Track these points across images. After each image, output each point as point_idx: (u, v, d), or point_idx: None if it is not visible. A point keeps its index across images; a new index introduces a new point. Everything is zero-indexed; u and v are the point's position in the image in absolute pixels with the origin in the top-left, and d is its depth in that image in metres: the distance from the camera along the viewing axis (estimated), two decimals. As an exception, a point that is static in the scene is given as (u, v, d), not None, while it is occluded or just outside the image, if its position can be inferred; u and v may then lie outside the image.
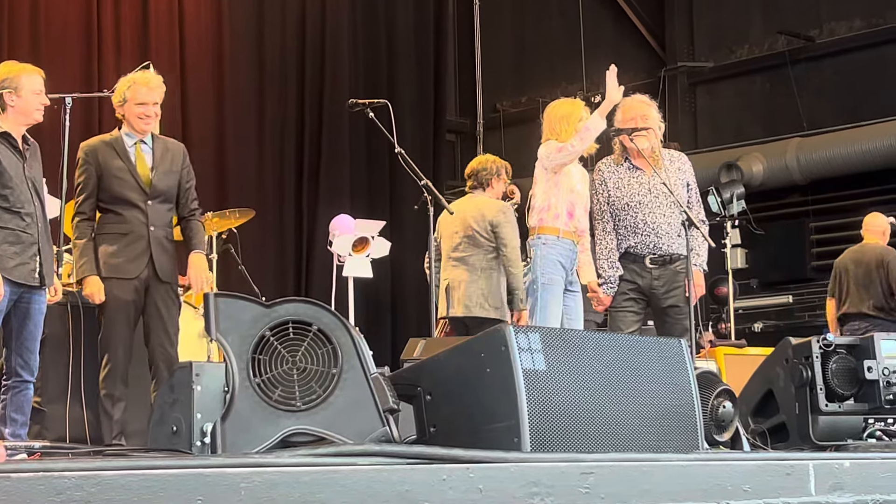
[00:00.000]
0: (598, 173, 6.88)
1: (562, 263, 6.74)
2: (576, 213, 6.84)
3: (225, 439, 3.55)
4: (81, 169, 6.15)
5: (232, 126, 13.12)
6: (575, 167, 6.97)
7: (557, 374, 3.72)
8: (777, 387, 5.51)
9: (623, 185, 6.76)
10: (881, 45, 13.75)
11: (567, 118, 6.86)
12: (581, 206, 6.88)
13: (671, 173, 6.75)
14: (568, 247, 6.77)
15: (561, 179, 6.83)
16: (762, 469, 3.41)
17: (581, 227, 6.88)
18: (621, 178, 6.77)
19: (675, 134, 14.84)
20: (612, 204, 6.75)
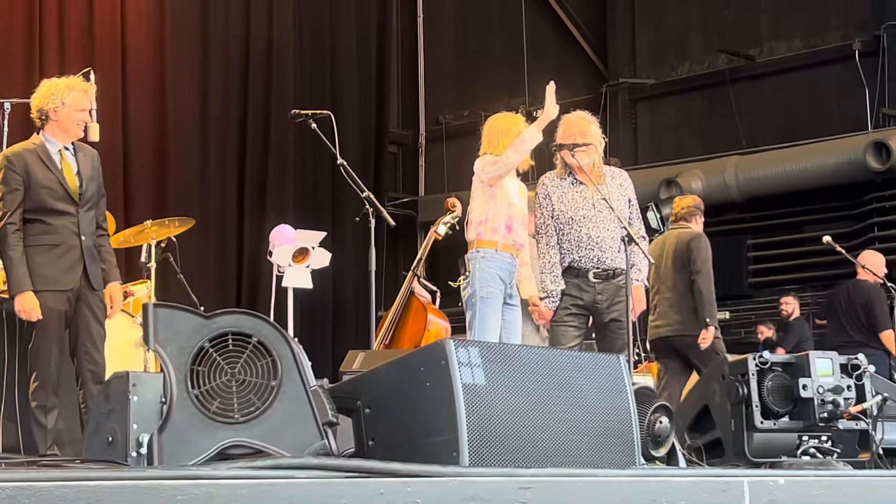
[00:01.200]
0: (541, 187, 6.91)
1: (500, 277, 6.74)
2: (514, 226, 6.84)
3: (161, 451, 3.52)
4: (7, 178, 5.99)
5: (174, 134, 13.05)
6: (512, 181, 6.96)
7: (497, 389, 3.73)
8: (713, 403, 5.55)
9: (566, 199, 6.80)
10: (819, 66, 13.93)
11: (506, 132, 6.85)
12: (519, 219, 6.89)
13: (613, 189, 6.81)
14: (507, 260, 6.77)
15: (497, 192, 6.83)
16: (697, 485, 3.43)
17: (520, 241, 6.89)
18: (565, 193, 6.82)
19: (615, 150, 14.92)
20: (555, 218, 6.79)
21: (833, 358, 5.42)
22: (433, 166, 16.99)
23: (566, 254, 6.78)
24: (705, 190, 13.88)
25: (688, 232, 8.71)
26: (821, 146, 13.32)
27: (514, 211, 6.85)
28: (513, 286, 6.87)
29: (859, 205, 13.36)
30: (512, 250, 6.80)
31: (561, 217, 6.79)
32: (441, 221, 8.62)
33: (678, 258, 8.51)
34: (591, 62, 15.82)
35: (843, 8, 13.88)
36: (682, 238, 8.60)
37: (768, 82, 14.36)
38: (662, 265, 8.57)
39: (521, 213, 6.89)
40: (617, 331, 6.71)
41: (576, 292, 6.75)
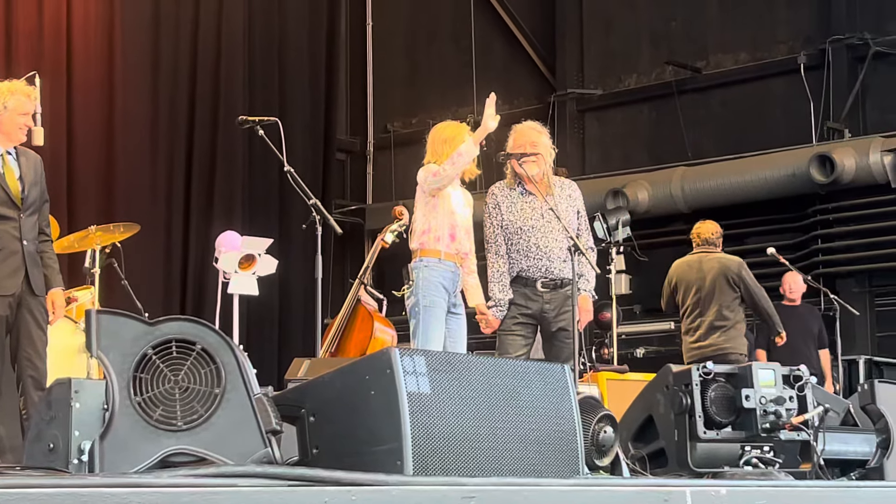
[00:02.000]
0: (491, 197, 6.95)
1: (444, 286, 6.74)
2: (457, 235, 6.84)
3: (103, 458, 3.50)
4: None
5: (120, 139, 12.95)
6: (455, 190, 6.97)
7: (442, 398, 3.73)
8: (657, 413, 5.57)
9: (515, 209, 6.85)
10: (766, 79, 14.06)
11: (450, 141, 6.85)
12: (462, 228, 6.89)
13: (562, 200, 6.85)
14: (450, 269, 6.78)
15: (439, 202, 6.84)
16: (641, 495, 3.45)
17: (464, 250, 6.89)
18: (514, 203, 6.86)
19: (563, 160, 14.96)
20: (504, 228, 6.84)
21: (775, 369, 5.46)
22: (381, 174, 16.98)
23: (514, 263, 6.82)
24: (651, 201, 13.96)
25: (731, 259, 9.36)
26: (766, 158, 13.44)
27: (457, 220, 6.85)
28: (457, 295, 6.87)
29: (803, 217, 13.48)
30: (455, 259, 6.80)
31: (510, 227, 6.83)
32: (388, 229, 8.61)
33: (728, 284, 9.11)
34: (539, 72, 15.88)
35: (789, 22, 14.01)
36: (727, 264, 9.24)
37: (715, 94, 14.47)
38: (706, 287, 9.14)
39: (464, 222, 6.90)
40: (564, 340, 6.74)
41: (523, 301, 6.79)
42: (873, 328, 13.05)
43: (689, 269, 9.38)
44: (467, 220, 6.93)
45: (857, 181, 12.74)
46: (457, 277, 6.81)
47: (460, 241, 6.86)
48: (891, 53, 13.19)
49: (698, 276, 9.26)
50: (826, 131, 13.36)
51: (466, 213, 6.94)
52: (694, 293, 9.23)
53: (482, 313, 6.86)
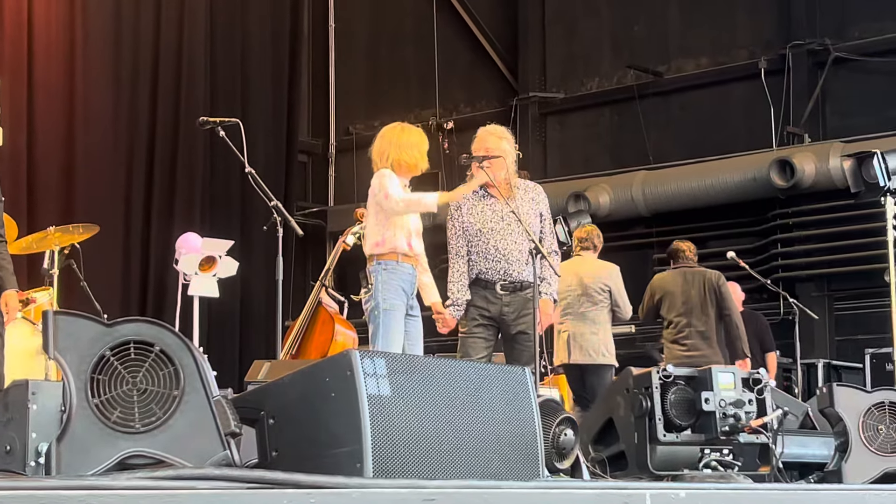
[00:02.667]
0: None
1: (403, 288, 6.71)
2: (412, 241, 6.80)
3: (60, 460, 3.47)
4: None
5: (80, 140, 12.87)
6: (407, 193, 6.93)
7: (402, 400, 3.73)
8: (617, 416, 5.59)
9: (476, 211, 6.88)
10: (726, 83, 14.13)
11: (413, 148, 6.82)
12: (415, 231, 6.83)
13: (524, 203, 6.87)
14: (408, 271, 6.75)
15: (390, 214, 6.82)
16: (600, 497, 3.45)
17: (417, 251, 6.86)
18: (475, 205, 6.89)
19: (524, 163, 14.98)
20: (465, 230, 6.86)
21: (735, 372, 5.50)
22: (343, 176, 16.94)
23: (474, 265, 6.85)
24: (612, 204, 14.00)
25: (714, 273, 9.55)
26: (726, 163, 13.50)
27: (409, 225, 6.82)
28: (414, 297, 6.87)
29: (763, 221, 13.55)
30: (412, 261, 6.79)
31: (470, 229, 6.86)
32: (350, 232, 8.60)
33: (709, 295, 9.31)
34: (501, 75, 15.89)
35: (749, 27, 14.09)
36: (710, 277, 9.42)
37: (676, 99, 14.53)
38: (693, 298, 9.33)
39: (416, 226, 6.86)
40: (524, 343, 6.76)
41: (483, 304, 6.80)
42: (832, 332, 13.14)
43: (674, 281, 9.51)
44: (417, 222, 6.89)
45: (817, 186, 12.82)
46: (414, 279, 6.80)
47: (414, 246, 6.85)
48: (851, 59, 13.29)
49: (684, 289, 9.41)
50: (786, 136, 13.43)
51: (415, 217, 6.90)
52: (682, 304, 9.37)
53: (439, 312, 6.87)
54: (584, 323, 9.00)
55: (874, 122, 12.83)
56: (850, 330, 13.01)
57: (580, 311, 9.01)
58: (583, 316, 9.00)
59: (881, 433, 5.68)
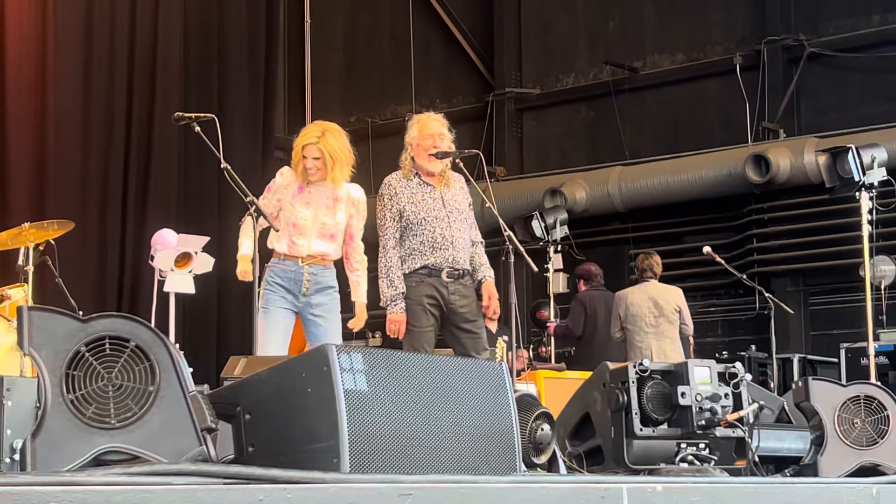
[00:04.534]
0: (386, 188, 6.81)
1: (281, 284, 6.56)
2: (297, 237, 6.66)
3: (35, 457, 3.45)
4: None
5: (54, 136, 12.79)
6: (315, 192, 6.79)
7: (379, 395, 3.72)
8: (594, 410, 5.60)
9: (417, 200, 6.75)
10: (701, 79, 14.19)
11: (296, 146, 6.82)
12: (311, 230, 6.69)
13: (458, 192, 6.87)
14: (290, 268, 6.59)
15: (283, 208, 6.72)
16: (577, 492, 3.46)
17: (318, 250, 6.68)
18: (414, 194, 6.76)
19: (501, 159, 15.05)
20: (404, 218, 6.71)
21: (711, 366, 5.50)
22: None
23: (418, 255, 6.70)
24: (589, 200, 14.04)
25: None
26: (702, 158, 13.55)
27: (299, 221, 6.66)
28: (316, 295, 6.66)
29: (739, 216, 13.61)
30: (299, 259, 6.61)
31: (411, 217, 6.70)
32: (326, 227, 8.56)
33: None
34: (477, 71, 15.91)
35: (724, 23, 14.14)
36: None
37: (651, 94, 14.58)
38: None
39: (313, 225, 6.70)
40: (474, 330, 6.72)
41: (432, 292, 6.69)
42: (807, 327, 13.21)
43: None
44: (322, 221, 6.72)
45: (792, 181, 12.89)
46: (299, 276, 6.59)
47: (308, 243, 6.66)
48: (825, 55, 13.35)
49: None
50: (761, 131, 13.50)
51: (321, 215, 6.72)
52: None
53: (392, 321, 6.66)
54: (664, 340, 10.05)
55: (849, 118, 12.90)
56: (825, 324, 13.08)
57: (660, 331, 10.08)
58: (662, 334, 10.07)
59: (856, 427, 5.70)
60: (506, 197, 13.67)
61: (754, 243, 13.47)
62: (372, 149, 15.19)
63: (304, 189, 6.75)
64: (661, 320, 10.09)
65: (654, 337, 10.05)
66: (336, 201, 6.76)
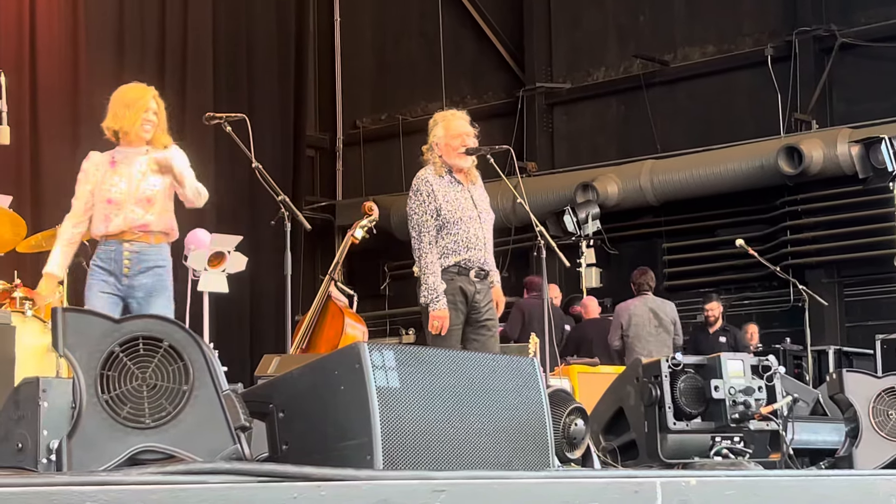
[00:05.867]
0: (425, 184, 6.69)
1: (101, 267, 6.17)
2: (112, 213, 6.28)
3: (71, 457, 3.48)
4: None
5: (86, 137, 12.83)
6: (127, 165, 6.44)
7: (411, 392, 3.73)
8: (627, 405, 5.59)
9: (451, 198, 6.68)
10: (732, 71, 14.12)
11: (132, 105, 6.43)
12: (128, 202, 6.28)
13: (482, 191, 6.84)
14: (110, 248, 6.18)
15: (96, 191, 6.38)
16: (611, 486, 3.45)
17: (138, 221, 6.26)
18: (448, 192, 6.69)
19: (532, 154, 15.03)
20: (441, 216, 6.63)
21: (744, 359, 5.49)
22: (351, 170, 16.96)
23: (452, 253, 6.63)
24: (621, 194, 14.00)
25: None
26: (734, 150, 13.50)
27: (114, 197, 6.29)
28: (139, 274, 6.18)
29: (772, 208, 13.55)
30: (120, 236, 6.21)
31: (448, 216, 6.63)
32: (358, 225, 8.59)
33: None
34: (508, 67, 15.89)
35: (755, 14, 14.07)
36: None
37: (682, 87, 14.53)
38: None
39: (126, 194, 6.30)
40: (492, 329, 6.71)
41: (464, 287, 6.66)
42: (842, 318, 13.14)
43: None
44: (139, 189, 6.32)
45: (825, 172, 12.82)
46: (118, 255, 6.16)
47: (125, 216, 6.24)
48: (857, 45, 13.26)
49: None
50: (793, 123, 13.43)
51: (137, 182, 6.33)
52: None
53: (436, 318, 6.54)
54: (663, 349, 10.48)
55: (882, 108, 12.82)
56: (860, 316, 13.01)
57: (659, 339, 10.67)
58: (662, 343, 10.63)
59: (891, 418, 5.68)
60: (537, 192, 13.66)
61: (788, 235, 13.41)
62: (403, 146, 15.21)
63: (115, 162, 6.41)
64: (660, 330, 10.72)
65: (654, 345, 10.57)
66: (151, 164, 6.41)
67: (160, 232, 6.30)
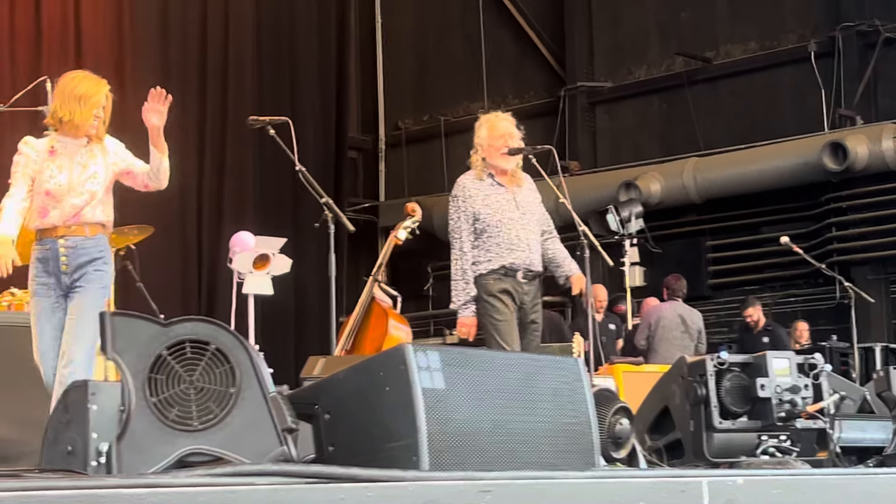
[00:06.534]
0: (462, 189, 6.72)
1: (40, 266, 5.92)
2: (50, 207, 5.96)
3: (121, 459, 3.51)
4: None
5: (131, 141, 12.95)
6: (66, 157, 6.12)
7: (456, 393, 3.74)
8: (673, 404, 5.58)
9: (491, 201, 6.67)
10: (775, 68, 14.04)
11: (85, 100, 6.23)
12: (65, 196, 6.01)
13: (527, 192, 6.82)
14: (45, 245, 5.91)
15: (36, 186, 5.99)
16: (657, 486, 3.45)
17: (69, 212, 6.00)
18: (488, 195, 6.68)
19: (574, 153, 15.01)
20: (479, 220, 6.63)
21: (790, 358, 5.47)
22: (393, 171, 16.99)
23: (496, 256, 6.63)
24: (664, 192, 13.95)
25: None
26: (778, 147, 13.42)
27: (53, 190, 5.96)
28: (76, 270, 5.90)
29: (816, 205, 13.46)
30: (54, 232, 5.94)
31: (488, 220, 6.63)
32: (401, 226, 8.61)
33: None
34: (549, 66, 15.87)
35: (798, 10, 13.99)
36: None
37: (725, 84, 14.46)
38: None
39: (64, 187, 6.02)
40: (536, 331, 6.72)
41: (511, 290, 6.66)
42: (889, 315, 13.03)
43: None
44: (78, 182, 6.08)
45: (870, 168, 12.73)
46: (54, 253, 5.89)
47: (62, 210, 5.97)
48: (902, 39, 13.17)
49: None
50: (838, 119, 13.34)
51: (77, 175, 6.09)
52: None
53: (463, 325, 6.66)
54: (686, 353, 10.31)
55: (927, 103, 12.72)
56: (907, 313, 12.91)
57: (683, 344, 10.87)
58: (685, 348, 10.78)
59: (940, 416, 5.64)
60: (580, 191, 13.62)
61: (833, 232, 13.32)
62: (445, 147, 15.23)
63: (55, 152, 6.09)
64: (685, 336, 11.05)
65: (678, 349, 10.65)
66: (92, 156, 6.28)
67: (97, 223, 6.12)
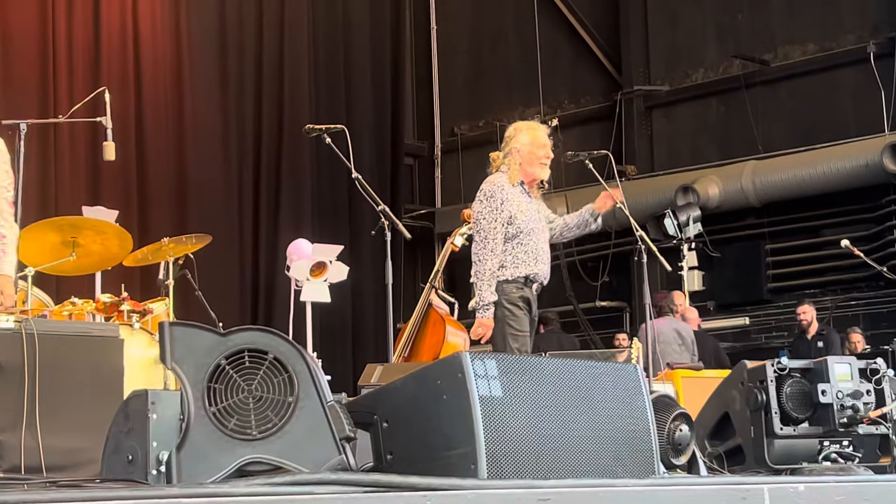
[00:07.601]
0: (499, 190, 6.54)
1: None
2: None
3: (181, 468, 3.53)
4: None
5: (190, 150, 13.08)
6: None
7: (514, 401, 3.73)
8: (733, 410, 5.53)
9: (524, 208, 6.54)
10: (834, 69, 13.91)
11: None
12: None
13: (543, 206, 6.77)
14: None
15: None
16: (718, 493, 3.43)
17: None
18: (521, 202, 6.56)
19: (631, 157, 14.95)
20: (515, 225, 6.49)
21: (852, 363, 5.41)
22: (449, 177, 17.00)
23: (522, 264, 6.49)
24: (722, 196, 13.86)
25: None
26: (837, 149, 13.30)
27: None
28: None
29: (877, 207, 13.31)
30: None
31: (523, 226, 6.50)
32: (458, 233, 8.61)
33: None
34: (605, 70, 15.82)
35: (856, 10, 13.85)
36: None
37: (783, 86, 14.34)
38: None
39: None
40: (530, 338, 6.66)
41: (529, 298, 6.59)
42: (954, 319, 12.88)
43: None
44: None
45: (932, 169, 12.59)
46: None
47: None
48: (962, 38, 13.01)
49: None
50: (898, 120, 13.20)
51: None
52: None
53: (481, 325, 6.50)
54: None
55: None
56: (972, 316, 12.75)
57: (683, 357, 10.84)
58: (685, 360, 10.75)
59: None
60: (637, 196, 13.58)
61: (894, 234, 13.17)
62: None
63: None
64: (683, 348, 11.13)
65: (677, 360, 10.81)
66: None
67: None
